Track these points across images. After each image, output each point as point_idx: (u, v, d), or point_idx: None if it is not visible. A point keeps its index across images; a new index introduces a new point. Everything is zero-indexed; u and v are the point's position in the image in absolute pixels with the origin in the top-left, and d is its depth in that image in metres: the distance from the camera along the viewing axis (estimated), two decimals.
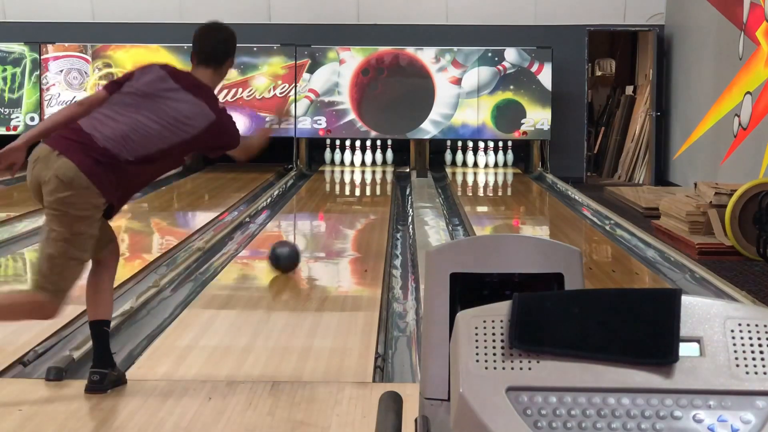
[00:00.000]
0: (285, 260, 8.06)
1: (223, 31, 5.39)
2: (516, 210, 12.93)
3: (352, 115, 16.31)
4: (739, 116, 12.24)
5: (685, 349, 2.05)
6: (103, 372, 4.99)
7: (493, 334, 2.09)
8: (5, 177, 5.17)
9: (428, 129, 16.31)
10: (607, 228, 10.98)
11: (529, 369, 2.04)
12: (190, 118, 5.01)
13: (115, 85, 5.13)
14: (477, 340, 2.08)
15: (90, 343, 5.25)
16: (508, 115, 16.26)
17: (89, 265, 5.02)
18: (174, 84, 5.09)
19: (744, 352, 2.05)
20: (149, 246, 10.00)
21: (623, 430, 1.95)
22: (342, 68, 16.30)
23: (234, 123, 5.29)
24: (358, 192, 14.92)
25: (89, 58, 16.35)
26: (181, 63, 15.69)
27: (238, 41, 5.41)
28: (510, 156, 16.68)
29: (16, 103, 16.49)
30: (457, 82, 16.25)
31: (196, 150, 5.20)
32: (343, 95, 16.31)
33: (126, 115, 4.93)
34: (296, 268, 8.16)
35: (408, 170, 16.12)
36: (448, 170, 16.24)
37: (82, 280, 5.04)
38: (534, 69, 16.18)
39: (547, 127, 16.22)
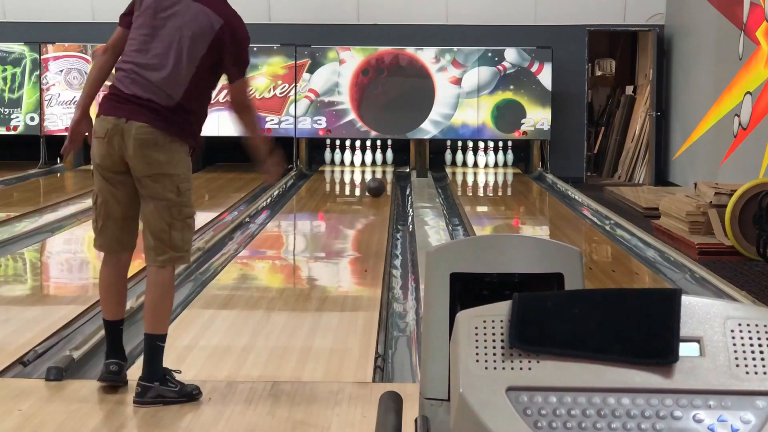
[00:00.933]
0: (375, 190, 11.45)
1: None
2: (516, 210, 12.93)
3: (352, 115, 16.31)
4: (739, 116, 12.24)
5: (685, 349, 2.05)
6: (122, 363, 5.01)
7: (493, 334, 2.09)
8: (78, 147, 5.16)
9: (428, 129, 16.31)
10: (607, 228, 10.98)
11: (529, 369, 2.04)
12: (196, 29, 4.90)
13: (127, 18, 5.13)
14: (477, 340, 2.09)
15: (89, 344, 5.25)
16: (508, 115, 16.26)
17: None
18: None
19: (744, 352, 2.05)
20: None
21: (623, 430, 1.95)
22: (342, 68, 16.30)
23: (243, 46, 5.13)
24: (358, 192, 14.91)
25: (89, 58, 16.34)
26: None
27: None
28: (510, 156, 16.68)
29: (16, 103, 16.49)
30: (457, 82, 16.25)
31: (211, 64, 4.98)
32: (343, 95, 16.31)
33: (147, 63, 4.89)
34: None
35: (408, 170, 16.12)
36: (448, 170, 16.25)
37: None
38: (534, 69, 16.18)
39: (547, 127, 16.22)
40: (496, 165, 16.64)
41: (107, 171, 4.89)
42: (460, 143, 16.69)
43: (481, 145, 16.65)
